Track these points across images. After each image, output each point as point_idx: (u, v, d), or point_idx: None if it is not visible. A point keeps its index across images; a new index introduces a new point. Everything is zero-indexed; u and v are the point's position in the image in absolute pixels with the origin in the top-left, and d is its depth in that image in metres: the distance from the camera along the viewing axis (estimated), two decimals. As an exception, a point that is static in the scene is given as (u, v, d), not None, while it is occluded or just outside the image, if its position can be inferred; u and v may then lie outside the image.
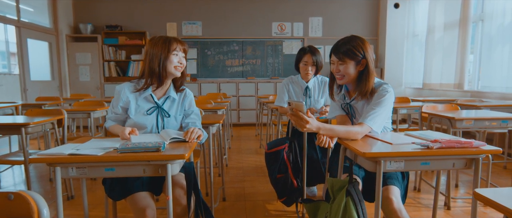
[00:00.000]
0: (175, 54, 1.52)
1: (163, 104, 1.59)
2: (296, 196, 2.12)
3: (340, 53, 1.50)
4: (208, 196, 2.51)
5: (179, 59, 1.53)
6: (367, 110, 1.48)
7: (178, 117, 1.64)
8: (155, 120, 1.56)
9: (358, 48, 1.48)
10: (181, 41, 1.55)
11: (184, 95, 1.66)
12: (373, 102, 1.49)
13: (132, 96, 1.55)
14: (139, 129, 1.51)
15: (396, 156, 1.17)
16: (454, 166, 1.21)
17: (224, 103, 3.74)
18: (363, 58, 1.49)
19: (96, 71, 5.97)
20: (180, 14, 6.21)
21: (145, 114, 1.55)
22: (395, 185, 1.39)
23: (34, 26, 5.09)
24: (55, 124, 2.30)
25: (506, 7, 3.77)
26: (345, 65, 1.50)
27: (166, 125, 1.59)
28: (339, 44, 1.52)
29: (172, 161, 1.13)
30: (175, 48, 1.51)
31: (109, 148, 1.20)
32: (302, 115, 1.29)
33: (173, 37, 1.54)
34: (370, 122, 1.42)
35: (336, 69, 1.53)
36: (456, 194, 2.57)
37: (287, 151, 2.12)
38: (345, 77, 1.52)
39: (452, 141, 1.20)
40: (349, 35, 1.55)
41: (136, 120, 1.55)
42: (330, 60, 1.58)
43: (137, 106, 1.56)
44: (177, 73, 1.55)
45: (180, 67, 1.54)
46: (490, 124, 2.20)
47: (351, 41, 1.49)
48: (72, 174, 1.12)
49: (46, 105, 3.71)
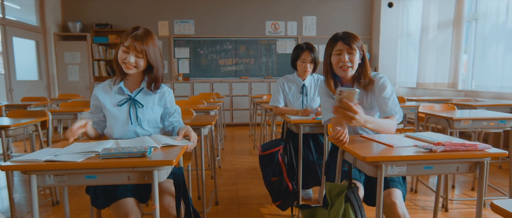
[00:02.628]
0: (123, 50, 1.37)
1: (136, 96, 1.51)
2: (291, 199, 2.05)
3: (351, 41, 1.46)
4: (200, 200, 2.43)
5: (125, 57, 1.36)
6: (383, 102, 1.50)
7: (156, 108, 1.54)
8: (127, 111, 1.48)
9: (361, 42, 1.51)
10: (136, 38, 1.35)
11: (165, 91, 1.57)
12: (380, 93, 1.51)
13: (105, 92, 1.51)
14: (112, 124, 1.48)
15: (398, 160, 1.10)
16: (458, 170, 1.15)
17: (217, 103, 3.65)
18: (363, 52, 1.52)
19: (85, 71, 5.82)
20: (172, 13, 6.09)
21: (117, 105, 1.48)
22: (398, 188, 1.33)
23: (20, 24, 4.93)
24: (38, 126, 2.19)
25: (500, 6, 3.75)
26: (353, 54, 1.48)
27: (142, 116, 1.50)
28: (347, 34, 1.50)
29: (159, 167, 1.05)
30: (124, 42, 1.37)
31: (91, 152, 1.11)
32: (351, 106, 1.19)
33: (133, 32, 1.38)
34: (398, 112, 1.47)
35: (343, 59, 1.48)
36: (452, 195, 2.53)
37: (282, 153, 2.05)
38: (353, 67, 1.50)
39: (456, 144, 1.14)
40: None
41: (111, 111, 1.49)
42: (333, 51, 1.51)
43: (110, 100, 1.50)
44: (125, 70, 1.41)
45: (129, 66, 1.38)
46: (488, 124, 2.16)
47: (354, 34, 1.51)
48: (49, 183, 1.03)
49: (31, 106, 3.57)
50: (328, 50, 1.55)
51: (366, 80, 1.53)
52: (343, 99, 1.19)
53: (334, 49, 1.51)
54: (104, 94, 1.51)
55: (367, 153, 1.13)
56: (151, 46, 1.39)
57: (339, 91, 1.19)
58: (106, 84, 1.54)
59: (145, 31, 1.40)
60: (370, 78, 1.54)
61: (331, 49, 1.53)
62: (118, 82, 1.49)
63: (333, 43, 1.52)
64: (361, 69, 1.54)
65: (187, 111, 2.41)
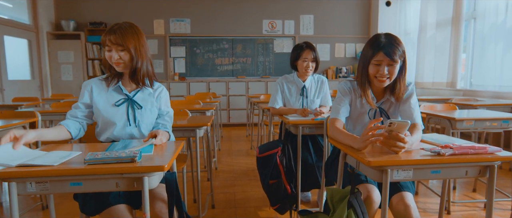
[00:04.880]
0: (107, 50, 1.34)
1: (135, 96, 1.44)
2: (290, 203, 1.98)
3: (393, 53, 1.30)
4: (196, 203, 2.36)
5: (110, 55, 1.34)
6: (408, 109, 1.42)
7: (154, 110, 1.48)
8: (125, 112, 1.41)
9: (403, 47, 1.36)
10: (114, 32, 1.32)
11: (161, 91, 1.51)
12: (408, 99, 1.43)
13: (100, 90, 1.42)
14: (108, 125, 1.38)
15: (404, 164, 1.04)
16: (467, 174, 1.09)
17: (213, 103, 3.58)
18: (404, 58, 1.37)
19: (79, 70, 5.72)
20: (167, 11, 6.00)
21: (114, 105, 1.40)
22: (409, 191, 1.28)
23: (11, 23, 4.82)
24: (27, 127, 2.11)
25: (499, 5, 3.71)
26: (393, 66, 1.33)
27: (141, 118, 1.43)
28: (390, 43, 1.32)
29: (149, 173, 0.98)
30: (106, 42, 1.33)
31: (73, 156, 1.03)
32: (403, 138, 1.07)
33: (110, 28, 1.34)
34: (420, 121, 1.39)
35: (382, 71, 1.33)
36: (454, 197, 2.48)
37: (280, 155, 1.98)
38: (390, 79, 1.36)
39: (465, 147, 1.08)
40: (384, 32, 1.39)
41: (105, 114, 1.40)
42: (372, 60, 1.34)
43: (106, 100, 1.41)
44: (117, 69, 1.38)
45: (117, 62, 1.35)
46: (490, 124, 2.11)
47: (397, 39, 1.35)
48: (31, 190, 0.95)
49: (22, 106, 3.48)
50: (367, 57, 1.38)
51: (401, 90, 1.40)
52: (393, 130, 1.09)
53: (374, 59, 1.34)
54: (99, 91, 1.43)
55: (371, 157, 1.06)
56: (130, 37, 1.34)
57: (389, 123, 1.08)
58: (99, 82, 1.45)
59: (120, 25, 1.36)
60: (405, 88, 1.42)
61: (370, 57, 1.35)
62: (115, 83, 1.42)
63: (373, 51, 1.34)
64: (398, 77, 1.38)
65: (182, 112, 2.33)
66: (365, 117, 1.48)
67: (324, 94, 2.38)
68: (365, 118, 1.49)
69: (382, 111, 1.47)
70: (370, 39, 1.39)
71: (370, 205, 1.26)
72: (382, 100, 1.47)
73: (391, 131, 1.09)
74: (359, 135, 1.32)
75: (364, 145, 1.12)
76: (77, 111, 1.43)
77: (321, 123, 1.93)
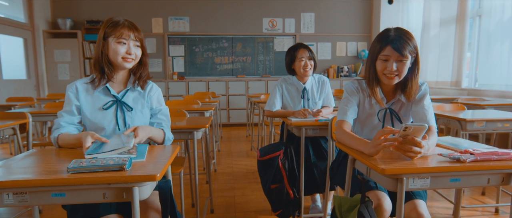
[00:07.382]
0: (118, 42, 1.26)
1: (123, 97, 1.34)
2: (293, 208, 1.89)
3: (403, 48, 1.19)
4: (194, 207, 2.26)
5: (127, 49, 1.27)
6: (422, 110, 1.30)
7: (146, 110, 1.38)
8: (114, 116, 1.31)
9: (415, 42, 1.25)
10: (130, 26, 1.28)
11: (150, 89, 1.41)
12: (421, 99, 1.32)
13: (86, 93, 1.31)
14: (96, 131, 1.25)
15: (421, 172, 0.94)
16: (489, 182, 0.99)
17: (212, 103, 3.48)
18: (416, 54, 1.26)
19: (76, 70, 5.62)
20: (166, 9, 5.90)
21: (102, 109, 1.30)
22: (422, 198, 1.19)
23: (7, 21, 4.71)
24: (16, 129, 2.01)
25: (505, 2, 3.62)
26: (403, 62, 1.23)
27: (131, 121, 1.33)
28: (400, 37, 1.21)
29: (140, 183, 0.88)
30: (115, 34, 1.25)
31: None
32: (419, 142, 0.99)
33: (122, 21, 1.28)
34: (435, 123, 1.29)
35: (390, 68, 1.23)
36: (462, 201, 2.39)
37: (282, 158, 1.88)
38: (400, 76, 1.26)
39: (487, 153, 0.98)
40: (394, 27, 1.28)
41: (92, 118, 1.29)
42: (380, 55, 1.25)
43: (93, 103, 1.31)
44: (126, 65, 1.29)
45: (130, 58, 1.28)
46: (502, 126, 2.01)
47: (408, 33, 1.24)
48: (8, 202, 0.86)
49: (16, 106, 3.38)
50: (374, 52, 1.27)
51: (413, 89, 1.29)
52: (409, 135, 1.00)
53: (381, 54, 1.24)
54: (85, 95, 1.32)
55: (385, 164, 0.97)
56: (142, 35, 1.33)
57: (405, 127, 0.99)
58: (83, 83, 1.33)
59: (128, 20, 1.31)
60: (418, 87, 1.31)
61: (377, 52, 1.25)
62: (104, 83, 1.31)
63: (381, 45, 1.24)
64: (410, 74, 1.28)
65: (180, 112, 2.24)
66: (374, 119, 1.39)
67: (326, 95, 2.26)
68: (374, 119, 1.39)
69: (392, 112, 1.37)
70: (379, 33, 1.29)
71: (381, 214, 1.16)
72: (393, 100, 1.37)
73: (406, 135, 0.99)
74: (367, 138, 1.23)
75: (375, 150, 1.03)
76: (73, 117, 1.30)
77: (325, 124, 1.83)
